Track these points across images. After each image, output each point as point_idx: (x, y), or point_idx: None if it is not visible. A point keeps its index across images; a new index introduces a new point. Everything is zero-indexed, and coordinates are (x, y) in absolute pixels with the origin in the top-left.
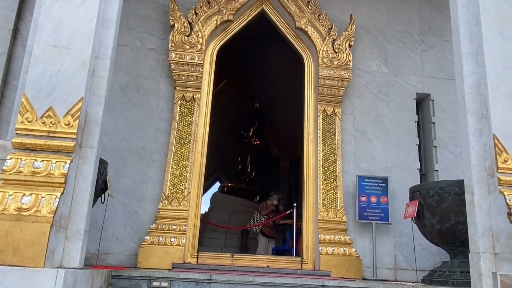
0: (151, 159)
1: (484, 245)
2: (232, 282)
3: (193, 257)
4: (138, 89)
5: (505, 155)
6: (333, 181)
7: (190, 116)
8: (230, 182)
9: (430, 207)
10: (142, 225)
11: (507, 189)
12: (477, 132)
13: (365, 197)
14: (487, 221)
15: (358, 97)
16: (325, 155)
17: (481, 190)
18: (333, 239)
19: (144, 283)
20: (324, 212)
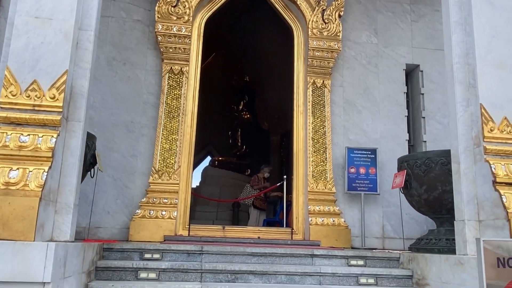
0: (140, 133)
1: (469, 213)
2: (223, 252)
3: (184, 229)
4: (125, 62)
5: (491, 124)
6: (322, 153)
7: (179, 90)
8: (221, 156)
9: (417, 177)
10: (133, 199)
11: (492, 158)
12: (464, 102)
13: (354, 168)
14: (472, 190)
15: (347, 69)
16: (315, 128)
17: (467, 159)
18: (322, 210)
19: (136, 255)
20: (314, 184)
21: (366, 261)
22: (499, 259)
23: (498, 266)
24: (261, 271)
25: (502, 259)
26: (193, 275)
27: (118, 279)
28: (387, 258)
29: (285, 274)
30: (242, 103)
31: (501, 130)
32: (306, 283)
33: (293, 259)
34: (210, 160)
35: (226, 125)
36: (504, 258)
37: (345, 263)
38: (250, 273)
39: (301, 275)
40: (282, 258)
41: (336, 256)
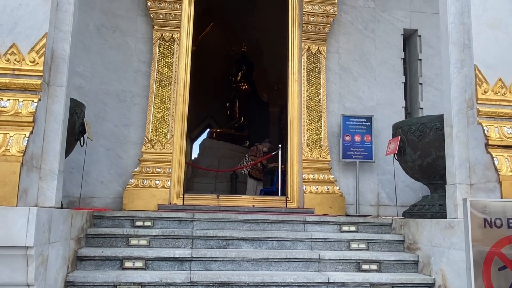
0: (132, 102)
1: (460, 176)
2: (215, 219)
3: (179, 199)
4: (115, 29)
5: (485, 86)
6: (317, 121)
7: (170, 57)
8: (219, 128)
9: (411, 143)
10: (126, 168)
11: (485, 120)
12: (458, 63)
13: (349, 136)
14: (464, 153)
15: (343, 34)
16: (310, 95)
17: (460, 122)
18: (317, 178)
19: (127, 223)
20: (309, 152)
21: (358, 227)
22: (485, 219)
23: (485, 227)
24: (252, 237)
25: (489, 220)
26: (184, 242)
27: (109, 245)
28: (379, 224)
29: (276, 240)
30: (240, 73)
31: (495, 92)
32: (297, 248)
33: (285, 226)
34: (208, 132)
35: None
36: (490, 218)
37: (337, 229)
38: (241, 239)
39: (292, 240)
40: (274, 225)
41: (328, 222)
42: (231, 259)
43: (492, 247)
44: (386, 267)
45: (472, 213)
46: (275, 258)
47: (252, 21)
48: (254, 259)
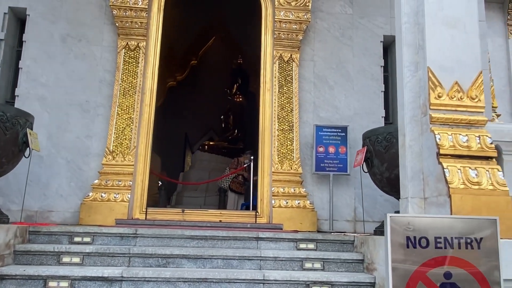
0: (95, 113)
1: (413, 190)
2: (160, 235)
3: (141, 213)
4: (80, 39)
5: (439, 90)
6: (289, 131)
7: (135, 66)
8: (211, 140)
9: (378, 154)
10: (87, 181)
11: (439, 127)
12: (412, 66)
13: (322, 147)
14: (418, 164)
15: (319, 42)
16: (281, 104)
17: (413, 130)
18: (287, 192)
19: (65, 239)
20: (279, 164)
21: (317, 245)
22: (409, 238)
23: (408, 247)
24: (195, 255)
25: (413, 238)
26: (120, 260)
27: (39, 263)
28: (340, 242)
29: (222, 258)
30: (235, 86)
31: (451, 97)
32: (245, 268)
33: (237, 243)
34: (200, 144)
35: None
36: (415, 237)
37: (293, 246)
38: (183, 257)
39: (240, 259)
40: (224, 242)
41: (284, 239)
42: (165, 279)
43: (416, 270)
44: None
45: (394, 230)
46: (214, 278)
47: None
48: (191, 280)
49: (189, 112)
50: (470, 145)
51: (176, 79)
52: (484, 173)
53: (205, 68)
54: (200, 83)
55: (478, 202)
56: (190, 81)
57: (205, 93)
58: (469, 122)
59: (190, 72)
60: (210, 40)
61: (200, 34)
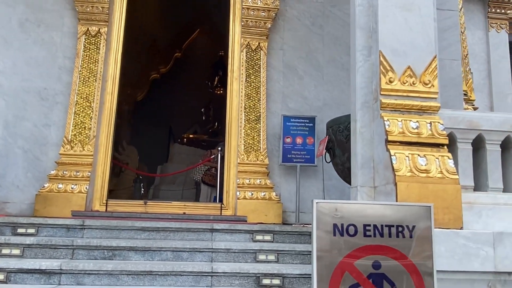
0: (54, 101)
1: (363, 178)
2: (109, 227)
3: (102, 205)
4: (40, 24)
5: (391, 75)
6: (256, 122)
7: (96, 53)
8: (191, 133)
9: (340, 143)
10: (45, 172)
11: (390, 113)
12: (365, 51)
13: (290, 138)
14: (368, 151)
15: (289, 30)
16: (248, 94)
17: (364, 116)
18: (252, 183)
19: (8, 230)
20: (245, 155)
21: (274, 236)
22: (336, 225)
23: (335, 234)
24: (143, 247)
25: (340, 226)
26: (63, 252)
27: None
28: (297, 233)
29: (172, 250)
30: (216, 78)
31: (403, 82)
32: (195, 260)
33: (190, 235)
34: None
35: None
36: (342, 224)
37: (249, 238)
38: (130, 250)
39: (190, 251)
40: (177, 234)
41: (240, 231)
42: (107, 272)
43: (342, 260)
44: (291, 282)
45: (321, 217)
46: (160, 271)
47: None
48: (135, 272)
49: (174, 105)
50: (421, 132)
51: (160, 71)
52: (434, 160)
53: (190, 61)
54: (184, 76)
55: (425, 191)
56: (175, 74)
57: (189, 86)
58: (421, 108)
59: (174, 64)
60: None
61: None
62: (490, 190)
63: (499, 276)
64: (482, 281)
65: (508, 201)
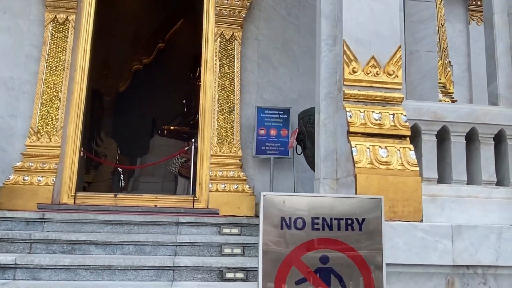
0: (21, 91)
1: (326, 170)
2: (70, 220)
3: (70, 198)
4: (6, 11)
5: (354, 65)
6: (229, 113)
7: (64, 41)
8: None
9: (310, 135)
10: (10, 163)
11: (353, 104)
12: (330, 40)
13: (264, 130)
14: (332, 143)
15: (264, 20)
16: (222, 85)
17: (328, 107)
18: (225, 176)
19: None
20: (218, 147)
21: (242, 229)
22: (283, 219)
23: (282, 228)
24: (104, 241)
25: (288, 219)
26: (20, 246)
27: None
28: None
29: (134, 244)
30: (198, 69)
31: (366, 72)
32: (159, 254)
33: (155, 228)
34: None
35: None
36: (290, 217)
37: (216, 231)
38: (90, 243)
39: (154, 245)
40: (141, 227)
41: (207, 224)
42: (65, 266)
43: (289, 254)
44: (255, 275)
45: (268, 210)
46: (119, 265)
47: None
48: (94, 267)
49: (157, 96)
50: (383, 123)
51: (143, 62)
52: (395, 152)
53: (173, 52)
54: (168, 67)
55: (384, 183)
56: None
57: (173, 77)
58: (384, 99)
59: (157, 55)
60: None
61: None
62: (454, 182)
63: (458, 269)
64: (440, 275)
65: (472, 194)
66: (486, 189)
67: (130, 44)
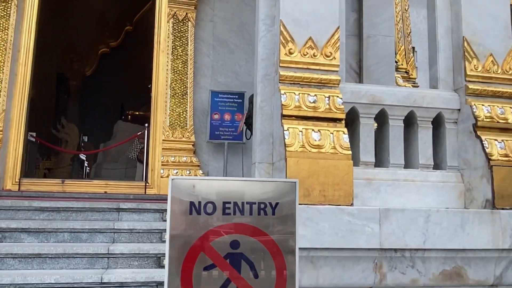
0: None
1: (261, 154)
2: (2, 207)
3: (14, 184)
4: None
5: (291, 46)
6: (182, 97)
7: (6, 20)
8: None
9: None
10: None
11: (288, 86)
12: (268, 20)
13: (218, 114)
14: (268, 127)
15: (219, 1)
16: (175, 68)
17: (265, 90)
18: (178, 161)
19: None
20: (170, 132)
21: None
22: (193, 204)
23: (191, 213)
24: (37, 228)
25: (197, 204)
26: None
27: None
28: None
29: (69, 231)
30: None
31: (303, 54)
32: (96, 241)
33: (95, 215)
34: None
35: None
36: (199, 202)
37: (159, 217)
38: (22, 231)
39: (90, 232)
40: (80, 214)
41: (149, 210)
42: None
43: (198, 240)
44: None
45: (177, 195)
46: (50, 253)
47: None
48: (22, 255)
49: (126, 80)
50: (318, 106)
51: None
52: (328, 135)
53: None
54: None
55: (315, 167)
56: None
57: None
58: (320, 82)
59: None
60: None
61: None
62: (392, 166)
63: (385, 253)
64: (368, 258)
65: (408, 177)
66: (422, 172)
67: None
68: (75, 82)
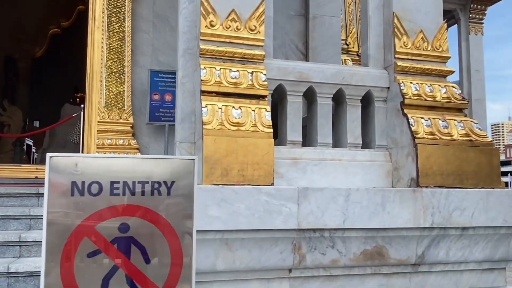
0: None
1: (183, 133)
2: None
3: None
4: None
5: (212, 18)
6: (119, 76)
7: None
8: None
9: None
10: None
11: (209, 61)
12: None
13: (158, 95)
14: (190, 104)
15: None
16: (111, 46)
17: (187, 65)
18: (114, 144)
19: None
20: (106, 113)
21: None
22: (75, 184)
23: (73, 194)
24: None
25: (81, 184)
26: None
27: None
28: None
29: None
30: None
31: (226, 27)
32: (9, 229)
33: (12, 200)
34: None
35: None
36: (83, 182)
37: None
38: None
39: (3, 218)
40: None
41: None
42: None
43: (81, 224)
44: None
45: (55, 175)
46: None
47: None
48: None
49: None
50: (240, 82)
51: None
52: (249, 113)
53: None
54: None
55: (234, 145)
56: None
57: None
58: (244, 57)
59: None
60: None
61: None
62: (319, 145)
63: (304, 233)
64: (286, 239)
65: (335, 156)
66: (350, 152)
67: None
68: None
